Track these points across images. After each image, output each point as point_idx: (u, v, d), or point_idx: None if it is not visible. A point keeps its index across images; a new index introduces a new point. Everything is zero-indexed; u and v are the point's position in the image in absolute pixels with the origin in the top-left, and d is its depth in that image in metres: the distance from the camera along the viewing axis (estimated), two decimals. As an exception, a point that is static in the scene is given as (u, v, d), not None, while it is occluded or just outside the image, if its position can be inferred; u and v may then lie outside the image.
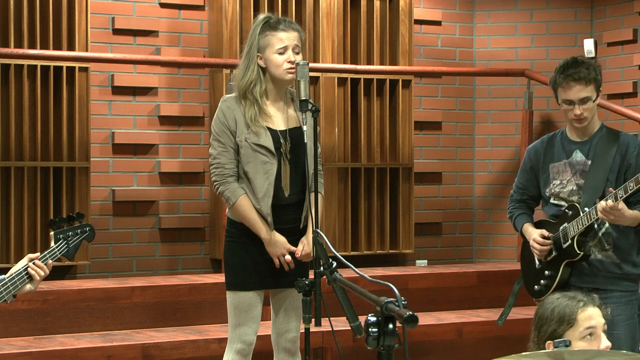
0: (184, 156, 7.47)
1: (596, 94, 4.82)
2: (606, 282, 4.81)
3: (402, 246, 7.96)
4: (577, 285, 4.71)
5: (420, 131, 8.30)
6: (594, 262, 4.82)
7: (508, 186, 8.50)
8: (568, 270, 4.85)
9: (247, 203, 4.84)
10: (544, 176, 4.99)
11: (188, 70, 7.49)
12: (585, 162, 4.86)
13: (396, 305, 2.94)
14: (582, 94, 4.78)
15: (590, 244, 4.83)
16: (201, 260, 7.52)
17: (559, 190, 4.92)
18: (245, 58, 4.94)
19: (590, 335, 3.65)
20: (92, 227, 4.37)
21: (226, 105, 4.91)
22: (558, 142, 4.96)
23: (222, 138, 4.88)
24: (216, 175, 4.88)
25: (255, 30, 4.93)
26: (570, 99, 4.80)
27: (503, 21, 8.54)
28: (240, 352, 4.90)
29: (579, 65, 4.80)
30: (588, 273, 4.84)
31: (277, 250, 4.87)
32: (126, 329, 6.33)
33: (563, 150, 4.93)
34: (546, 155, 4.98)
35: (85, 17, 7.05)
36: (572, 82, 4.78)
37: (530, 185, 5.07)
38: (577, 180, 4.86)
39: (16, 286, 4.07)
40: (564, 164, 4.91)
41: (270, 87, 4.94)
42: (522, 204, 5.12)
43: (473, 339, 6.74)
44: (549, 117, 8.36)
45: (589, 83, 4.78)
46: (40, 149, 6.89)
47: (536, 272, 4.96)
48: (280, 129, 4.92)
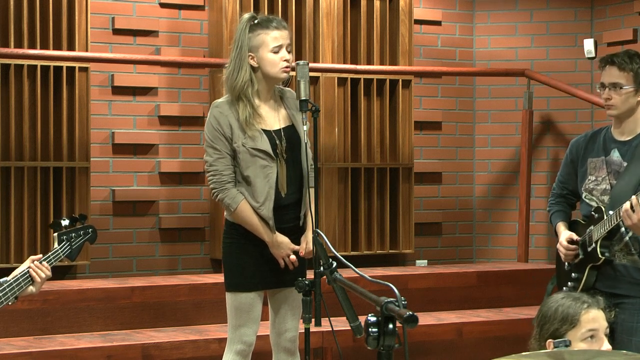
0: (184, 156, 7.47)
1: (633, 86, 4.68)
2: (629, 289, 4.65)
3: (402, 246, 7.96)
4: (602, 290, 4.59)
5: (420, 131, 8.30)
6: (618, 267, 4.67)
7: (508, 186, 8.53)
8: (594, 274, 4.71)
9: (247, 208, 4.84)
10: (581, 170, 4.85)
11: (188, 70, 7.49)
12: (622, 163, 4.71)
13: (396, 305, 2.94)
14: (613, 78, 4.69)
15: (616, 248, 4.67)
16: (201, 260, 7.52)
17: (593, 187, 4.78)
18: (235, 59, 4.88)
19: (592, 338, 3.65)
20: (94, 229, 4.38)
21: (219, 111, 4.87)
22: (601, 138, 4.83)
23: (217, 145, 4.85)
24: (214, 182, 4.87)
25: (244, 30, 4.88)
26: (602, 82, 4.73)
27: (503, 21, 8.54)
28: (240, 352, 4.90)
29: (624, 54, 4.73)
30: (612, 278, 4.69)
31: (282, 251, 4.88)
32: (126, 329, 6.33)
33: (603, 147, 4.79)
34: (587, 149, 4.85)
35: (85, 17, 7.05)
36: (607, 65, 4.71)
37: (571, 180, 4.94)
38: (611, 180, 4.72)
39: (20, 288, 4.07)
40: (601, 160, 4.77)
41: (262, 86, 4.91)
42: (562, 198, 5.00)
43: (473, 339, 6.73)
44: (549, 117, 8.36)
45: (624, 70, 4.68)
46: (40, 149, 6.89)
47: (566, 273, 4.86)
48: (274, 129, 4.90)
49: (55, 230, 4.25)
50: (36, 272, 4.09)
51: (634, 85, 4.70)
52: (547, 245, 8.23)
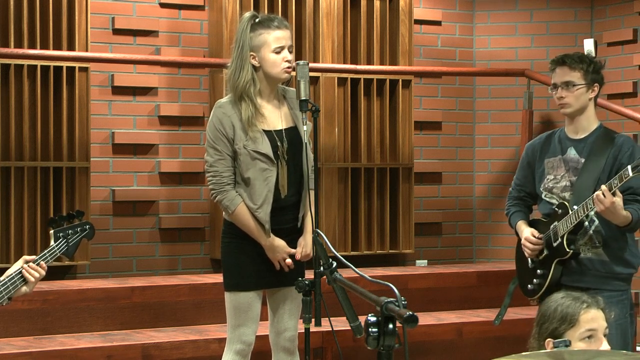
0: (184, 156, 7.47)
1: (585, 84, 4.84)
2: (596, 281, 4.81)
3: (402, 246, 7.96)
4: (568, 285, 4.73)
5: (420, 131, 8.30)
6: (583, 261, 4.83)
7: (508, 186, 8.47)
8: (560, 269, 4.86)
9: (245, 211, 4.85)
10: (539, 171, 5.01)
11: (188, 70, 7.49)
12: (579, 160, 4.88)
13: (396, 305, 2.94)
14: (566, 77, 4.85)
15: (581, 242, 4.84)
16: (201, 260, 7.52)
17: (552, 185, 4.94)
18: (237, 58, 4.87)
19: (590, 338, 3.65)
20: (91, 225, 4.37)
21: (222, 112, 4.87)
22: (555, 138, 5.00)
23: (218, 145, 4.85)
24: (214, 183, 4.87)
25: (245, 29, 4.87)
26: (554, 82, 4.89)
27: (503, 21, 8.54)
28: (239, 352, 4.90)
29: (573, 54, 4.91)
30: (578, 272, 4.85)
31: (277, 255, 4.89)
32: (126, 329, 6.33)
33: (559, 146, 4.96)
34: (542, 150, 5.01)
35: (85, 17, 7.05)
36: (558, 66, 4.89)
37: (527, 182, 5.10)
38: (570, 177, 4.88)
39: (10, 291, 4.06)
40: (558, 159, 4.93)
41: (264, 86, 4.91)
42: (519, 201, 5.15)
43: (473, 339, 6.73)
44: (549, 117, 8.36)
45: (575, 69, 4.85)
46: (40, 149, 6.89)
47: (529, 271, 4.99)
48: (276, 129, 4.90)
49: (52, 228, 4.24)
50: (29, 273, 4.08)
51: (584, 82, 4.86)
52: (547, 245, 8.23)
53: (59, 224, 4.26)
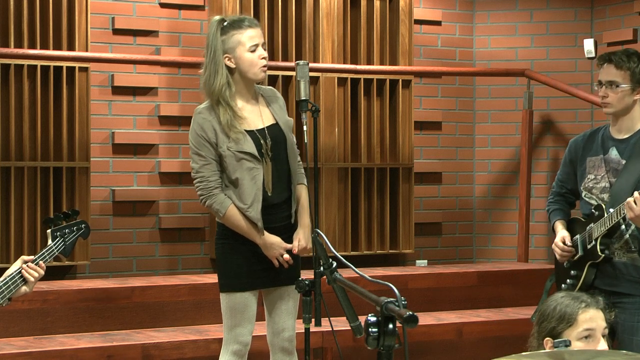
0: (184, 156, 7.46)
1: (630, 85, 4.69)
2: (629, 287, 4.65)
3: (402, 246, 7.96)
4: (601, 288, 4.61)
5: (420, 131, 8.30)
6: (618, 265, 4.67)
7: (508, 186, 8.53)
8: (593, 272, 4.71)
9: (236, 212, 4.85)
10: (580, 169, 4.85)
11: (188, 70, 7.49)
12: (620, 161, 4.71)
13: (396, 305, 2.93)
14: (610, 76, 4.70)
15: (616, 246, 4.67)
16: (201, 260, 7.52)
17: (592, 185, 4.78)
18: (210, 63, 4.89)
19: (587, 337, 3.65)
20: (87, 224, 4.41)
21: (202, 117, 4.89)
22: (599, 137, 4.83)
23: (202, 151, 4.87)
24: (201, 189, 4.89)
25: (215, 33, 4.88)
26: (599, 80, 4.74)
27: (503, 21, 8.54)
28: (236, 353, 4.91)
29: (622, 52, 4.74)
30: (612, 276, 4.68)
31: (274, 252, 4.89)
32: (126, 329, 6.33)
33: (602, 145, 4.80)
34: (585, 148, 4.86)
35: (85, 17, 7.05)
36: (605, 63, 4.73)
37: (569, 179, 4.95)
38: (610, 178, 4.72)
39: (10, 290, 4.07)
40: (600, 159, 4.78)
41: (240, 87, 4.92)
42: (560, 197, 5.00)
43: (473, 339, 6.73)
44: (549, 117, 8.36)
45: (621, 69, 4.69)
46: (40, 149, 6.89)
47: (565, 271, 4.86)
48: (258, 128, 4.91)
49: (49, 227, 4.26)
50: (29, 273, 4.09)
51: (630, 84, 4.71)
52: (547, 245, 8.23)
53: (56, 223, 4.28)
